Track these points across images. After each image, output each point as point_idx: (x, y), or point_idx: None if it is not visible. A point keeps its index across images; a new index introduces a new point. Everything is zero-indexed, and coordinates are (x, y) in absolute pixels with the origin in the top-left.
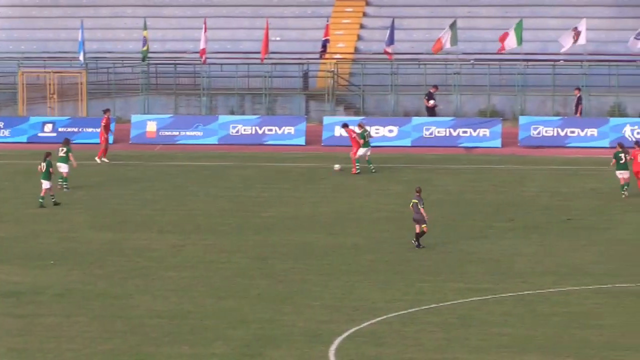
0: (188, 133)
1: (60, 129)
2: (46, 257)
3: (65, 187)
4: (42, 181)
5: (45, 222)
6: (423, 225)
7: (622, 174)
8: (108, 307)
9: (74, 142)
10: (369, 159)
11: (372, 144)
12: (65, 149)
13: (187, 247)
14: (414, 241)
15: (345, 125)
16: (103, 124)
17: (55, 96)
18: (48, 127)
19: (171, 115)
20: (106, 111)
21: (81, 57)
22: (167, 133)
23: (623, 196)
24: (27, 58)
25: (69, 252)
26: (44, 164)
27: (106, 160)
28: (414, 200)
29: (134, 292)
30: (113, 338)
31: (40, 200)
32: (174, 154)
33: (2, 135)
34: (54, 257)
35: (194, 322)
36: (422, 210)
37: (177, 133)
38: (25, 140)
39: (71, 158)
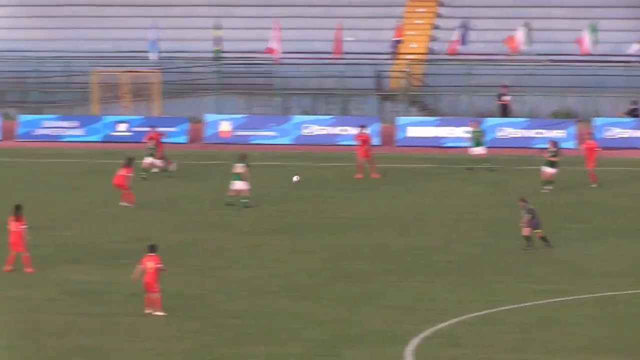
0: (262, 133)
1: (134, 129)
2: (120, 256)
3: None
4: (234, 182)
5: (119, 221)
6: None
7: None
8: (182, 307)
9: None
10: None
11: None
12: (243, 164)
13: (262, 248)
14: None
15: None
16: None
17: (128, 95)
18: (122, 127)
19: (245, 115)
20: (152, 127)
21: (154, 57)
22: (241, 133)
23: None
24: (100, 57)
25: (143, 251)
26: (238, 165)
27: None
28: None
29: (209, 292)
30: (187, 338)
31: (230, 200)
32: (248, 154)
33: (76, 134)
34: (128, 256)
35: (269, 323)
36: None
37: (251, 133)
38: (99, 140)
39: (247, 173)
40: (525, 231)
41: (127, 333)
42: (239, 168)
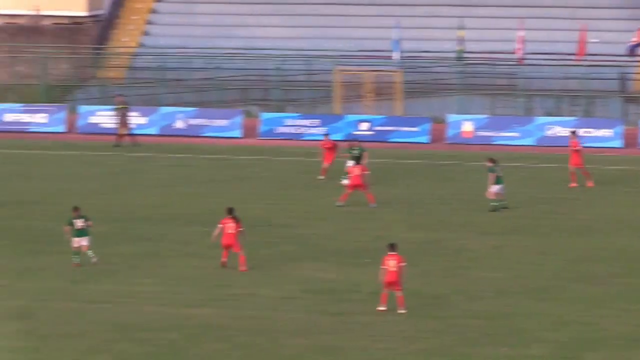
0: (505, 134)
1: (376, 128)
2: (361, 255)
3: None
4: (492, 186)
5: (360, 220)
6: None
7: None
8: (423, 306)
9: (389, 141)
10: None
11: None
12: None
13: (505, 248)
14: None
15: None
16: (327, 147)
17: (370, 95)
18: (364, 126)
19: (487, 115)
20: (325, 135)
21: (396, 56)
22: (483, 133)
23: None
24: (343, 56)
25: (384, 250)
26: (497, 167)
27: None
28: None
29: (450, 292)
30: (426, 338)
31: (494, 204)
32: (491, 155)
33: (318, 132)
34: (368, 255)
35: (511, 323)
36: None
37: (493, 133)
38: (340, 139)
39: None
40: None
41: (365, 332)
42: (500, 171)
